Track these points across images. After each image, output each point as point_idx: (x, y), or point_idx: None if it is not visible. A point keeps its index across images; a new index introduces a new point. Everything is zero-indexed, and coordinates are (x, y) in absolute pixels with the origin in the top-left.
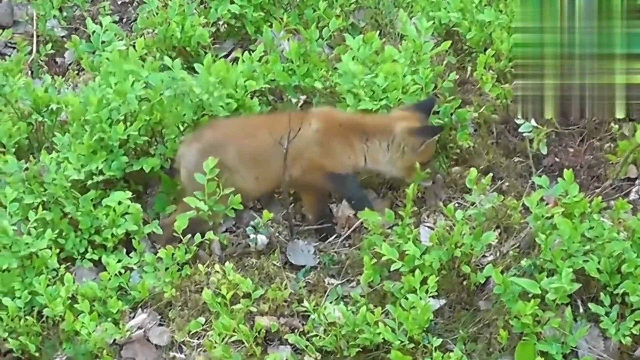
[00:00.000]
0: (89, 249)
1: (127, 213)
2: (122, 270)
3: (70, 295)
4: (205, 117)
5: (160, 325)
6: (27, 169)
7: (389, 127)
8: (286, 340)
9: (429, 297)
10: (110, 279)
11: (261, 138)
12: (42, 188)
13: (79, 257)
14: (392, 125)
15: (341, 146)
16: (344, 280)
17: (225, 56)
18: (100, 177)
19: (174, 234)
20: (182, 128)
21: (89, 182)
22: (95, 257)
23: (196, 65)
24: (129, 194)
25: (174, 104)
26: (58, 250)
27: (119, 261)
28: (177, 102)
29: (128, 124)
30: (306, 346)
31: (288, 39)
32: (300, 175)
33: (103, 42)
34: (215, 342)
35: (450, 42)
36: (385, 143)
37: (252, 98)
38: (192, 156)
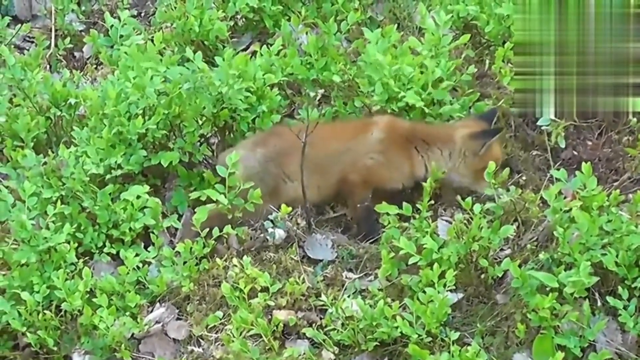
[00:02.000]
0: (107, 243)
1: (145, 207)
2: (140, 265)
3: (88, 290)
4: (224, 110)
5: (178, 319)
6: (45, 163)
7: (450, 135)
8: (304, 334)
9: (447, 290)
10: (128, 273)
11: (324, 147)
12: (61, 182)
13: (97, 251)
14: (453, 133)
15: (400, 158)
16: (361, 274)
17: (244, 50)
18: (119, 171)
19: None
20: (200, 122)
21: (108, 176)
22: (114, 251)
23: (217, 58)
24: (147, 187)
25: (194, 97)
26: (76, 245)
27: (137, 255)
28: (197, 96)
29: (147, 117)
30: (324, 340)
31: (306, 33)
32: (353, 183)
33: (121, 36)
34: (233, 336)
35: (468, 35)
36: (447, 151)
37: (271, 89)
38: (256, 161)
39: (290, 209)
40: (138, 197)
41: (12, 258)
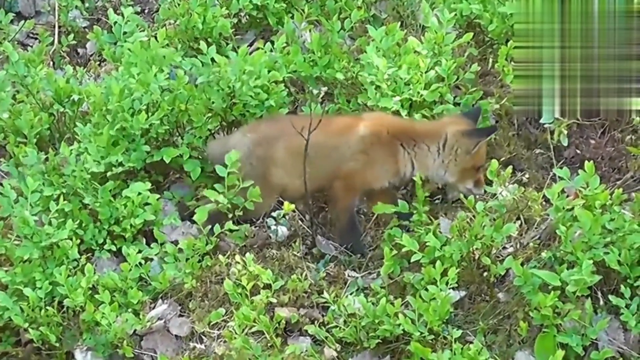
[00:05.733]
0: (108, 240)
1: (147, 204)
2: (143, 261)
3: (90, 286)
4: (237, 105)
5: (180, 316)
6: (47, 158)
7: (439, 131)
8: (306, 331)
9: (449, 288)
10: (130, 270)
11: (312, 138)
12: (62, 180)
13: (98, 247)
14: (442, 129)
15: (384, 156)
16: (364, 272)
17: (248, 47)
18: (120, 169)
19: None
20: (209, 115)
21: (109, 173)
22: (114, 248)
23: (231, 54)
24: (149, 184)
25: (203, 92)
26: (79, 241)
27: (140, 252)
28: (206, 90)
29: (150, 114)
30: (326, 337)
31: (310, 30)
32: (337, 183)
33: (125, 33)
34: (236, 333)
35: (472, 34)
36: (435, 147)
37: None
38: (245, 145)
39: (293, 206)
40: (139, 194)
41: (14, 254)
